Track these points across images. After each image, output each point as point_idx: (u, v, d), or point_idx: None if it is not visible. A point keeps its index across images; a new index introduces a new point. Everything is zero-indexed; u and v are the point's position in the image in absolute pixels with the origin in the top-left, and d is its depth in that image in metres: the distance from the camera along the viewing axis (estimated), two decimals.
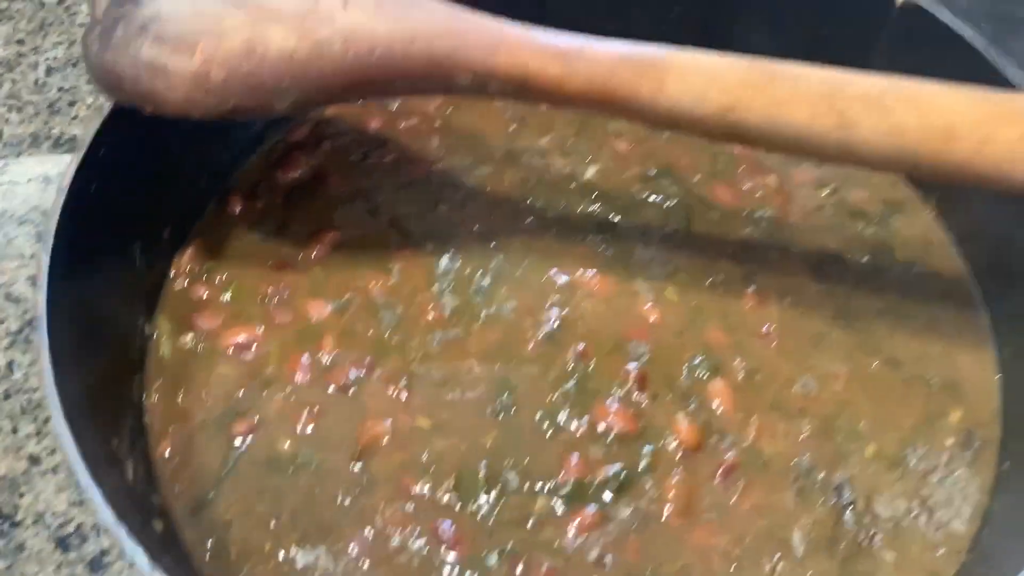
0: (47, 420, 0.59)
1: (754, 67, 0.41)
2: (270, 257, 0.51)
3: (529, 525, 0.42)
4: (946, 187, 0.52)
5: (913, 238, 0.52)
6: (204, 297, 0.49)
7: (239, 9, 0.41)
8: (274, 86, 0.41)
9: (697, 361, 0.47)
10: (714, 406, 0.46)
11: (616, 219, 0.52)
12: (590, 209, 0.53)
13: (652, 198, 0.53)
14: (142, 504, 0.42)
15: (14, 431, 0.58)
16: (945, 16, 0.49)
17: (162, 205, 0.50)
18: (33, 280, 0.65)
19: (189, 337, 0.48)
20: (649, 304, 0.49)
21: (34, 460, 0.57)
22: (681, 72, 0.41)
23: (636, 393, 0.46)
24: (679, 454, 0.44)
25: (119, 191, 0.45)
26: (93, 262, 0.44)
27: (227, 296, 0.50)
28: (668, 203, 0.53)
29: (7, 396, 0.60)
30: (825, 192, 0.54)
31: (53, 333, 0.39)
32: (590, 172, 0.54)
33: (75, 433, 0.37)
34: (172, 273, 0.50)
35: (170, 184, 0.50)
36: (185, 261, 0.50)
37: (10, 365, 0.61)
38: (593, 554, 0.42)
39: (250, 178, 0.54)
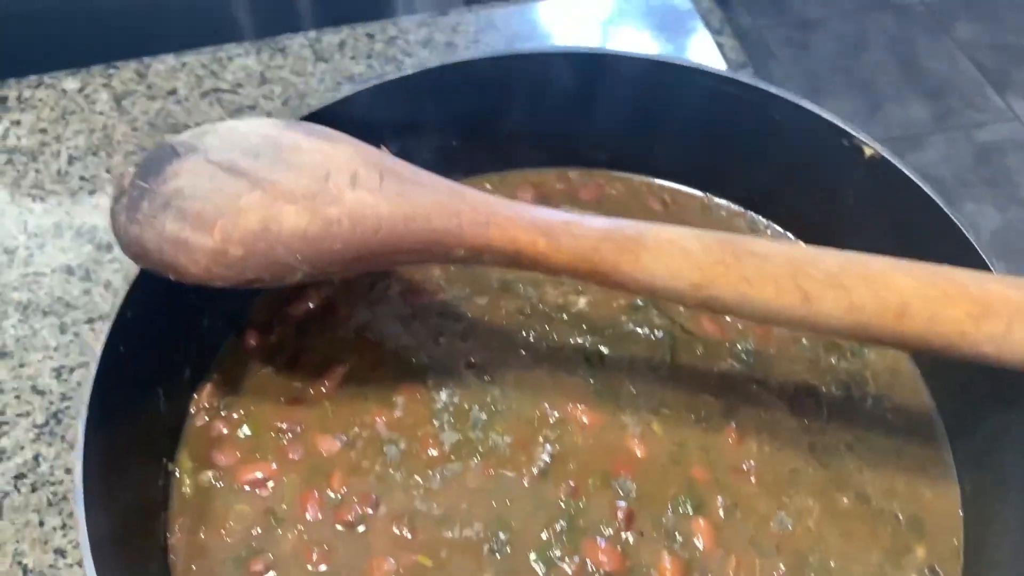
0: (72, 513, 0.63)
1: (725, 245, 0.44)
2: (283, 392, 0.55)
3: None
4: None
5: (884, 371, 0.55)
6: (223, 433, 0.53)
7: (255, 189, 0.45)
8: (288, 261, 0.45)
9: (681, 498, 0.51)
10: (696, 542, 0.49)
11: (605, 351, 0.56)
12: (580, 341, 0.56)
13: (639, 330, 0.57)
14: None
15: (41, 524, 0.62)
16: (908, 169, 0.53)
17: (183, 349, 0.54)
18: (58, 372, 0.69)
19: (209, 474, 0.52)
20: (636, 439, 0.52)
21: (60, 553, 0.61)
22: (657, 250, 0.44)
23: (624, 531, 0.49)
24: None
25: (145, 346, 0.49)
26: (121, 413, 0.48)
27: (244, 431, 0.53)
28: (654, 335, 0.56)
29: (34, 489, 0.64)
30: None
31: (87, 492, 0.43)
32: (581, 303, 0.58)
33: None
34: (192, 410, 0.54)
35: (190, 330, 0.54)
36: (204, 397, 0.54)
37: (36, 458, 0.65)
38: None
39: (264, 312, 0.58)
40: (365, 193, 0.45)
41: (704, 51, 0.91)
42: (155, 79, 0.90)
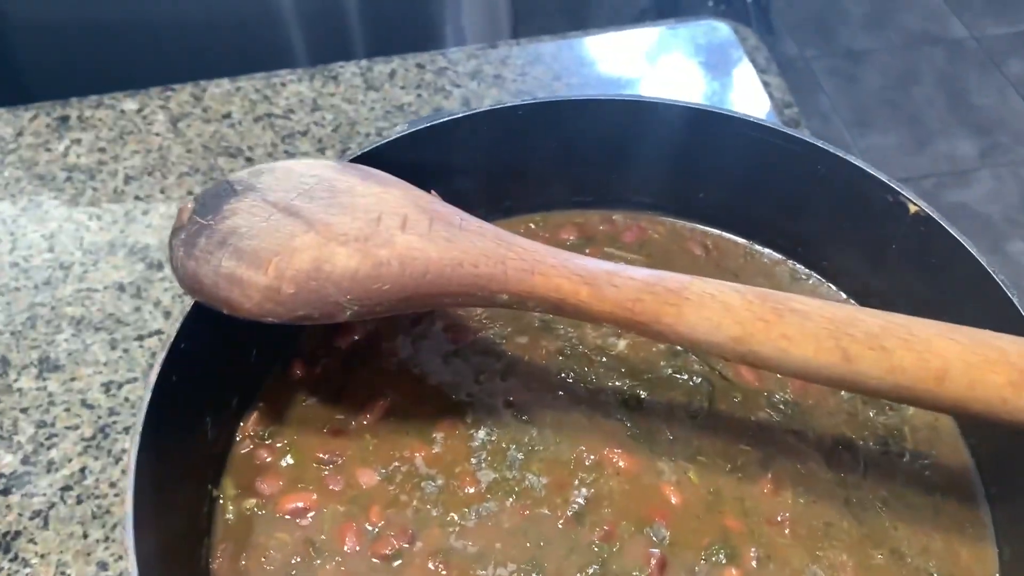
0: (115, 526, 0.64)
1: (766, 301, 0.45)
2: (326, 423, 0.56)
3: None
4: None
5: (923, 427, 0.55)
6: (266, 461, 0.54)
7: (309, 230, 0.47)
8: (337, 299, 0.47)
9: (715, 547, 0.51)
10: None
11: (643, 395, 0.57)
12: (618, 384, 0.57)
13: (678, 376, 0.57)
14: None
15: (84, 536, 0.64)
16: (952, 228, 0.53)
17: (232, 379, 0.55)
18: (107, 387, 0.71)
19: (252, 502, 0.53)
20: (672, 486, 0.53)
21: (102, 566, 0.62)
22: (698, 303, 0.45)
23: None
24: None
25: (196, 376, 0.50)
26: (171, 439, 0.50)
27: (287, 460, 0.55)
28: (693, 381, 0.57)
29: (79, 501, 0.66)
30: None
31: (137, 519, 0.44)
32: (620, 345, 0.59)
33: None
34: (238, 437, 0.55)
35: (239, 360, 0.56)
36: (250, 426, 0.56)
37: (83, 470, 0.67)
38: None
39: (310, 344, 0.59)
40: (415, 237, 0.47)
41: (750, 89, 0.92)
42: (211, 102, 0.92)
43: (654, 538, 0.51)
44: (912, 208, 0.54)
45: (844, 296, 0.62)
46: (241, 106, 0.92)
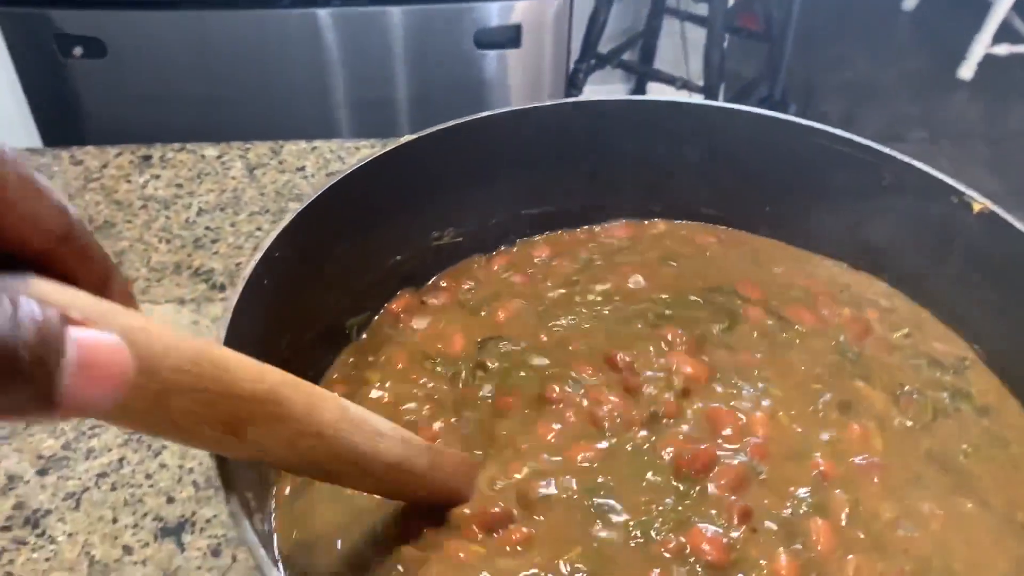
0: (145, 515, 0.63)
1: None
2: None
3: None
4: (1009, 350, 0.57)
5: (988, 389, 0.55)
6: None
7: None
8: None
9: (802, 494, 0.49)
10: (814, 540, 0.46)
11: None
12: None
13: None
14: None
15: (114, 520, 0.63)
16: (1017, 221, 0.53)
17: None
18: None
19: None
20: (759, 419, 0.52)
21: (127, 550, 0.61)
22: None
23: (735, 526, 0.47)
24: None
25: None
26: None
27: None
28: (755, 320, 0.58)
29: (114, 488, 0.65)
30: (899, 334, 0.58)
31: None
32: None
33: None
34: None
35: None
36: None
37: (121, 460, 0.67)
38: None
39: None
40: None
41: None
42: (287, 156, 0.98)
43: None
44: (976, 207, 0.54)
45: (914, 301, 0.61)
46: (315, 162, 0.97)
